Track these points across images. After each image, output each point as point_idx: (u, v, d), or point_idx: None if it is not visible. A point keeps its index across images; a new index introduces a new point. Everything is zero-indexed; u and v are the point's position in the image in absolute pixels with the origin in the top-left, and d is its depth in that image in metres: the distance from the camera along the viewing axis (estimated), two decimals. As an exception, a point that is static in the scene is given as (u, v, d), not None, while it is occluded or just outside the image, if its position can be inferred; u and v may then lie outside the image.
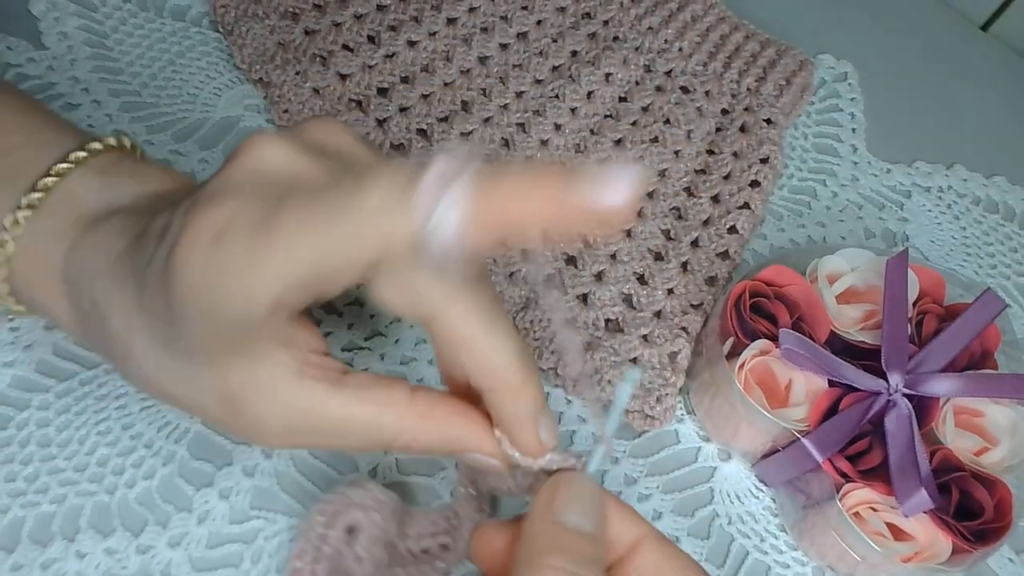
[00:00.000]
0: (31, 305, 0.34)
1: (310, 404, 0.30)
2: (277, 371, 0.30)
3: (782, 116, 0.59)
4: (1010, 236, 0.62)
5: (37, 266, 0.32)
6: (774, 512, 0.45)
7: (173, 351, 0.29)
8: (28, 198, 0.32)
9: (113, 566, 0.36)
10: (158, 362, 0.30)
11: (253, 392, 0.29)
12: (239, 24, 0.52)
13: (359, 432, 0.31)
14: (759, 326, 0.45)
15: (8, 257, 0.32)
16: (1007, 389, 0.44)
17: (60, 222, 0.32)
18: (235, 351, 0.29)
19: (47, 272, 0.32)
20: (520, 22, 0.58)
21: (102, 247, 0.31)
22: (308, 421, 0.30)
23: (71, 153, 0.33)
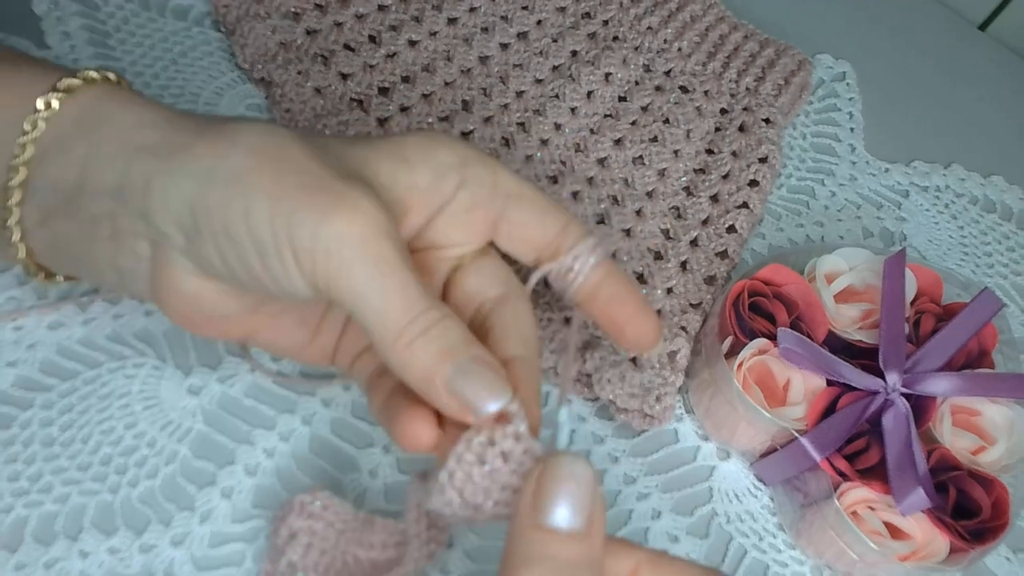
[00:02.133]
0: (43, 187, 0.33)
1: (379, 235, 0.30)
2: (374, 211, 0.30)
3: (781, 116, 0.59)
4: (1007, 235, 0.62)
5: (63, 142, 0.32)
6: (772, 511, 0.45)
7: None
8: (67, 82, 0.33)
9: (116, 565, 0.36)
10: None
11: (359, 184, 0.30)
12: (241, 24, 0.52)
13: (389, 284, 0.30)
14: (758, 325, 0.45)
15: (39, 137, 0.32)
16: (1004, 388, 0.44)
17: (87, 113, 0.33)
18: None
19: (71, 146, 0.32)
20: (520, 22, 0.58)
21: (134, 117, 0.32)
22: (362, 240, 0.29)
23: (79, 73, 0.34)
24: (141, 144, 0.31)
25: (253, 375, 0.42)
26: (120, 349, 0.41)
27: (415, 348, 0.29)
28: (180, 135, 0.31)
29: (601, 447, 0.45)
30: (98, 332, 0.41)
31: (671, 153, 0.55)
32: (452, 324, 0.30)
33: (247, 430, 0.41)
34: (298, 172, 0.30)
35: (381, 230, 0.29)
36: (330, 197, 0.29)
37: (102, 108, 0.32)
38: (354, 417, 0.42)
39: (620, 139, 0.55)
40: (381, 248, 0.29)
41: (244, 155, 0.30)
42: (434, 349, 0.30)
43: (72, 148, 0.32)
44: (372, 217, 0.29)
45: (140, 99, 0.33)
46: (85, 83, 0.33)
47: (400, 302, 0.29)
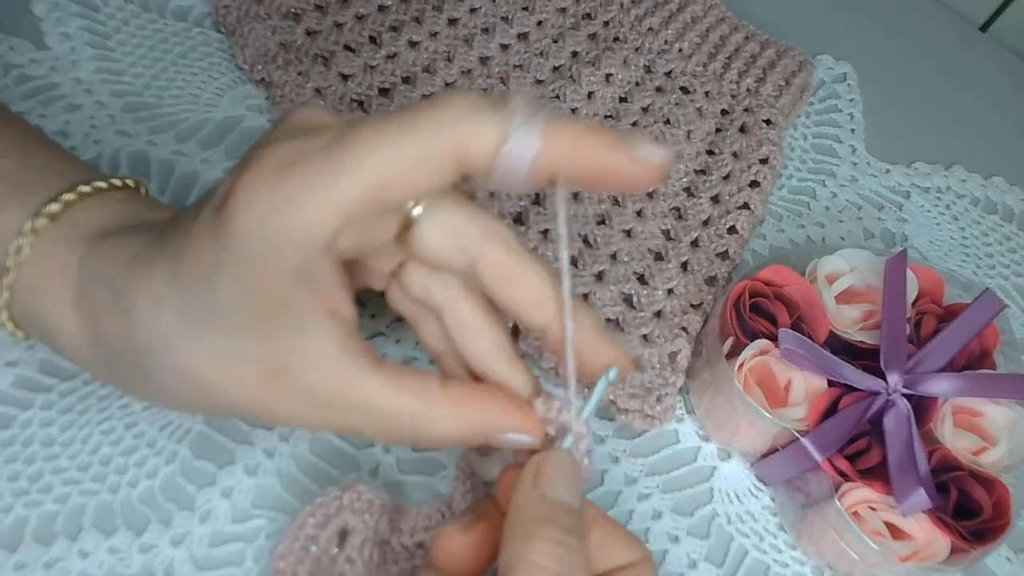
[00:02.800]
0: (31, 323, 0.33)
1: (350, 380, 0.30)
2: (321, 342, 0.29)
3: (781, 117, 0.59)
4: (1009, 236, 0.62)
5: (49, 274, 0.32)
6: (773, 511, 0.45)
7: (210, 325, 0.29)
8: (49, 208, 0.33)
9: (116, 565, 0.36)
10: (192, 340, 0.29)
11: (297, 360, 0.29)
12: (241, 25, 0.52)
13: (393, 417, 0.30)
14: (759, 326, 0.45)
15: (21, 262, 0.32)
16: (1006, 389, 0.44)
17: (77, 232, 0.33)
18: (280, 316, 0.29)
19: (58, 280, 0.32)
20: (521, 23, 0.58)
21: (124, 245, 0.31)
22: (345, 399, 0.30)
23: (91, 181, 0.34)
24: (89, 364, 0.33)
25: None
26: (120, 349, 0.41)
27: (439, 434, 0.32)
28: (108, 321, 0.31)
29: (602, 447, 0.45)
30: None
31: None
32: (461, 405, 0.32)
33: (247, 430, 0.41)
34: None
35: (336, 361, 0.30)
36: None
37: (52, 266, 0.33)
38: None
39: (621, 140, 0.55)
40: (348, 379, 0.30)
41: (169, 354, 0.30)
42: (455, 435, 0.32)
43: (54, 287, 0.32)
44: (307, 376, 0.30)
45: (97, 251, 0.32)
46: (52, 220, 0.33)
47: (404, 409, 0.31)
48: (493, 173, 0.29)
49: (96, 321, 0.31)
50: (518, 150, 0.28)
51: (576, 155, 0.29)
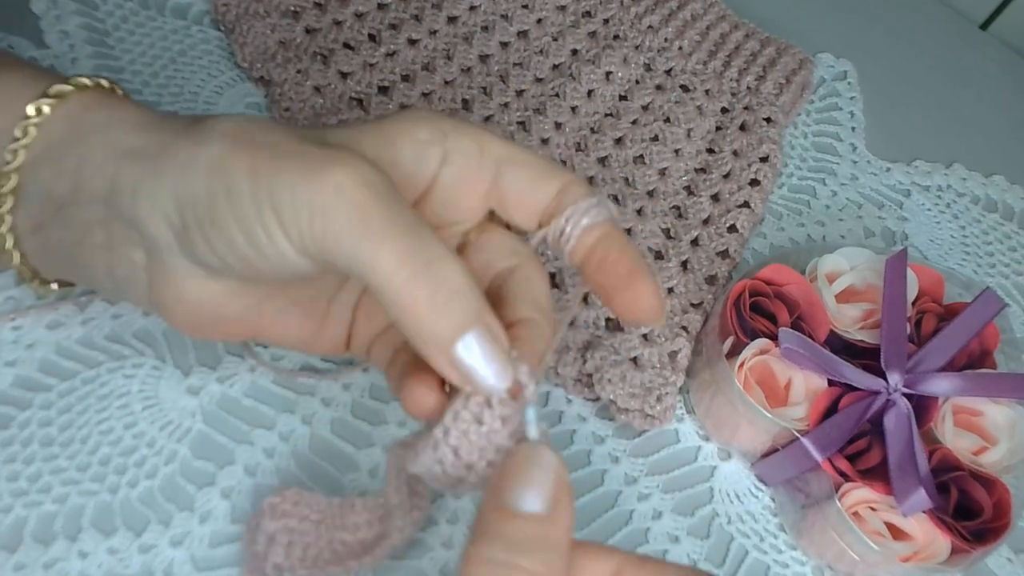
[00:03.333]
0: (33, 195, 0.33)
1: (367, 187, 0.28)
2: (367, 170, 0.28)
3: (782, 115, 0.59)
4: (1009, 235, 0.62)
5: (53, 150, 0.32)
6: (773, 511, 0.45)
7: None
8: (56, 88, 0.33)
9: (115, 565, 0.36)
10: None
11: (338, 149, 0.29)
12: (240, 22, 0.52)
13: (372, 254, 0.28)
14: (759, 325, 0.45)
15: (30, 144, 0.32)
16: (1006, 388, 0.44)
17: (76, 119, 0.33)
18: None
19: (60, 155, 0.32)
20: (520, 20, 0.58)
21: (122, 121, 0.32)
22: (347, 194, 0.28)
23: (71, 80, 0.34)
24: (128, 149, 0.31)
25: (253, 375, 0.42)
26: (119, 349, 0.41)
27: (421, 314, 0.28)
28: (165, 135, 0.31)
29: (601, 447, 0.45)
30: (97, 332, 0.41)
31: (672, 152, 0.55)
32: (460, 284, 0.28)
33: (247, 430, 0.41)
34: (276, 146, 0.29)
35: (365, 179, 0.28)
36: (310, 159, 0.28)
37: (92, 115, 0.32)
38: (354, 417, 0.42)
39: (621, 138, 0.55)
40: (366, 194, 0.27)
41: (220, 140, 0.29)
42: (441, 318, 0.28)
43: (63, 155, 0.32)
44: (354, 167, 0.28)
45: (131, 104, 0.33)
46: (76, 89, 0.33)
47: (394, 253, 0.27)
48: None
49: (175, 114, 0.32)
50: (570, 232, 0.32)
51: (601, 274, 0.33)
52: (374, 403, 0.43)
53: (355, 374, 0.43)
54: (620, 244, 0.33)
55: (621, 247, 0.32)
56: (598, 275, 0.33)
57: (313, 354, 0.43)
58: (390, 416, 0.43)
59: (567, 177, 0.33)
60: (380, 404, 0.43)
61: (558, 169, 0.34)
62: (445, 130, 0.32)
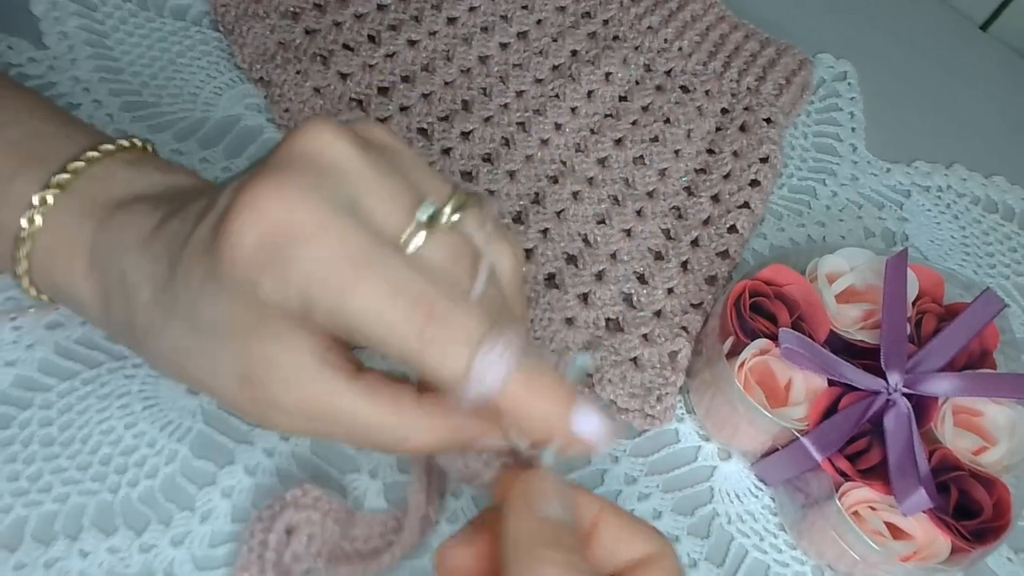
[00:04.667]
0: (51, 289, 0.34)
1: (327, 393, 0.30)
2: (300, 354, 0.29)
3: (782, 115, 0.59)
4: (1009, 236, 0.62)
5: (62, 245, 0.33)
6: (773, 511, 0.45)
7: (198, 327, 0.29)
8: (58, 178, 0.33)
9: (116, 565, 0.36)
10: (181, 337, 0.30)
11: (274, 372, 0.29)
12: (239, 23, 0.52)
13: (368, 430, 0.31)
14: (759, 325, 0.45)
15: (34, 233, 0.33)
16: (1006, 389, 0.44)
17: (87, 203, 0.33)
18: (261, 329, 0.29)
19: (71, 251, 0.33)
20: (520, 21, 0.58)
21: (133, 224, 0.32)
22: (322, 409, 0.30)
23: (100, 145, 0.34)
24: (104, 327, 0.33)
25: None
26: (119, 349, 0.41)
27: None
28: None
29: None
30: (97, 332, 0.41)
31: (672, 153, 0.55)
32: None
33: (247, 430, 0.41)
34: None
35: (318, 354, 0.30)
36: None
37: (83, 225, 0.33)
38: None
39: (621, 139, 0.55)
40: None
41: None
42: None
43: (68, 257, 0.33)
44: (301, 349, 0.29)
45: (108, 226, 0.33)
46: (62, 191, 0.33)
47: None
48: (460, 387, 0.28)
49: (105, 295, 0.32)
50: (480, 384, 0.28)
51: (528, 411, 0.29)
52: (374, 403, 0.43)
53: None
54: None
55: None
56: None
57: None
58: (390, 416, 0.43)
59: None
60: (380, 404, 0.43)
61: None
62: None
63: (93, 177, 0.33)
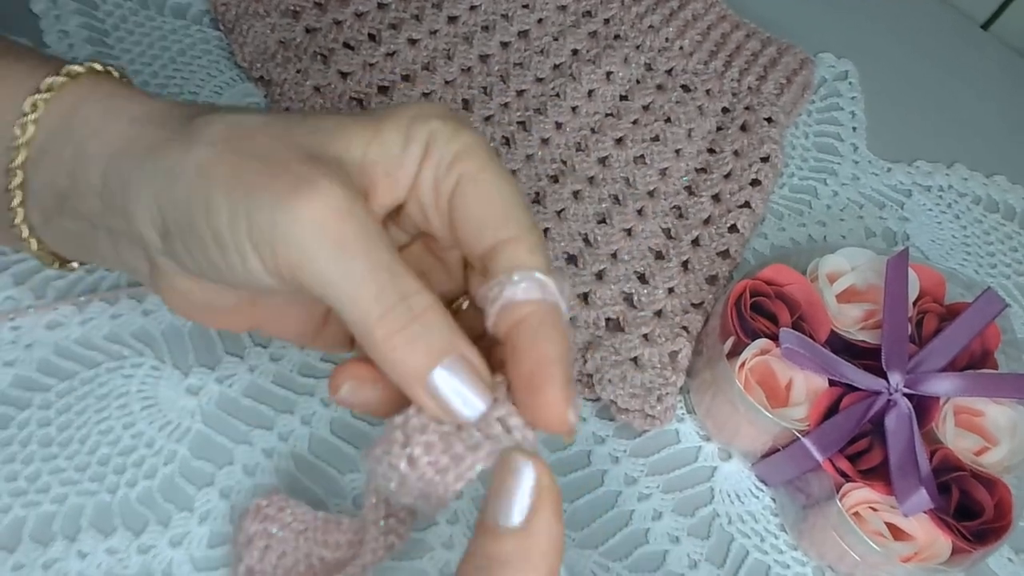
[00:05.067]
0: (51, 185, 0.32)
1: (364, 211, 0.28)
2: (342, 194, 0.28)
3: (783, 115, 0.59)
4: (1010, 235, 0.62)
5: (85, 104, 0.32)
6: (774, 512, 0.45)
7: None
8: (47, 81, 0.32)
9: (114, 566, 0.36)
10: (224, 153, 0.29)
11: (320, 164, 0.28)
12: (240, 22, 0.52)
13: (374, 267, 0.28)
14: (760, 325, 0.45)
15: (28, 140, 0.32)
16: (1007, 389, 0.44)
17: (89, 92, 0.32)
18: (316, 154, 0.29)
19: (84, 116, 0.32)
20: (521, 20, 0.58)
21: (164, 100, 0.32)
22: (353, 214, 0.28)
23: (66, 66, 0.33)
24: (122, 145, 0.31)
25: (252, 375, 0.42)
26: (118, 349, 0.41)
27: (396, 346, 0.27)
28: (159, 132, 0.31)
29: (602, 447, 0.45)
30: (96, 332, 0.41)
31: (673, 152, 0.55)
32: (434, 317, 0.28)
33: (246, 430, 0.41)
34: (259, 158, 0.28)
35: (343, 210, 0.27)
36: (288, 180, 0.27)
37: (87, 107, 0.32)
38: (353, 417, 0.42)
39: (621, 138, 0.55)
40: (344, 229, 0.27)
41: (206, 147, 0.29)
42: (415, 349, 0.28)
43: (60, 150, 0.32)
44: (332, 197, 0.27)
45: (128, 92, 0.33)
46: (70, 79, 0.33)
47: (372, 289, 0.27)
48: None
49: (173, 103, 0.32)
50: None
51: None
52: (374, 403, 0.43)
53: None
54: (533, 336, 0.28)
55: (531, 340, 0.28)
56: (507, 364, 0.29)
57: (315, 349, 0.43)
58: (390, 416, 0.43)
59: (516, 231, 0.30)
60: (380, 404, 0.43)
61: (516, 215, 0.30)
62: (435, 130, 0.31)
63: (77, 89, 0.33)
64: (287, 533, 0.36)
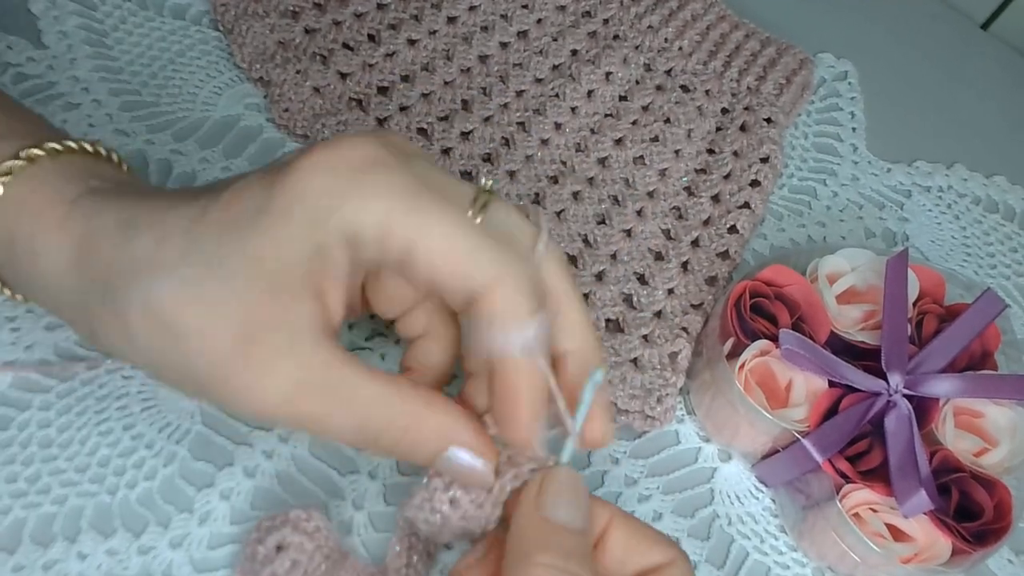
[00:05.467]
0: (6, 248, 0.32)
1: (329, 361, 0.30)
2: (308, 319, 0.29)
3: (782, 115, 0.59)
4: (1010, 236, 0.62)
5: (39, 194, 0.32)
6: (774, 513, 0.45)
7: (209, 270, 0.29)
8: (28, 152, 0.32)
9: (114, 567, 0.36)
10: (183, 280, 0.29)
11: (281, 329, 0.29)
12: (239, 23, 0.52)
13: (367, 410, 0.30)
14: (759, 326, 0.45)
15: (9, 182, 0.32)
16: (1007, 390, 0.44)
17: (70, 169, 0.33)
18: (281, 284, 0.29)
19: (48, 200, 0.32)
20: (520, 21, 0.58)
21: (132, 186, 0.33)
22: (322, 379, 0.29)
23: (63, 140, 0.34)
24: (61, 293, 0.32)
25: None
26: (118, 350, 0.41)
27: (404, 453, 0.32)
28: (80, 299, 0.31)
29: (602, 448, 0.45)
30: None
31: (672, 153, 0.55)
32: (429, 419, 0.31)
33: (246, 431, 0.41)
34: (198, 356, 0.29)
35: (304, 398, 0.30)
36: (232, 384, 0.29)
37: (36, 196, 0.32)
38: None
39: (621, 139, 0.55)
40: (313, 407, 0.30)
41: (147, 355, 0.30)
42: (423, 448, 0.31)
43: (40, 207, 0.32)
44: (289, 404, 0.29)
45: (46, 225, 0.32)
46: (28, 162, 0.32)
47: (361, 430, 0.31)
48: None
49: (85, 239, 0.31)
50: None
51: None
52: (374, 404, 0.43)
53: None
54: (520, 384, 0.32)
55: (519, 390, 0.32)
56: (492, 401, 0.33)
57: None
58: (390, 417, 0.43)
59: (492, 275, 0.30)
60: (380, 405, 0.43)
61: (482, 259, 0.31)
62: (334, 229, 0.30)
63: (65, 160, 0.33)
64: (317, 554, 0.36)
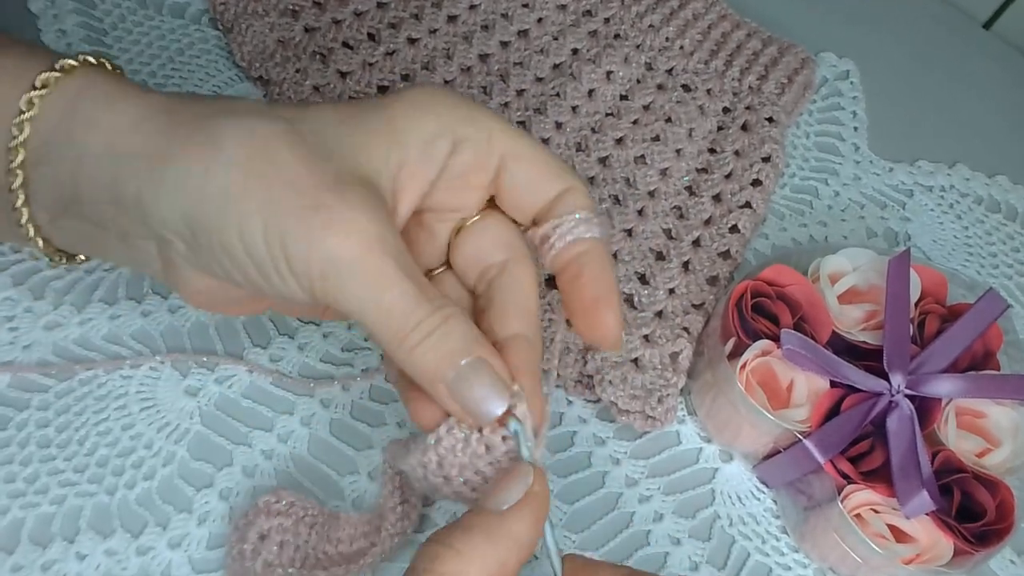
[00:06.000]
0: (52, 146, 0.32)
1: (395, 233, 0.30)
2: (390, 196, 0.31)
3: (784, 114, 0.58)
4: (1012, 236, 0.61)
5: (99, 79, 0.32)
6: (775, 514, 0.45)
7: (320, 132, 0.31)
8: (42, 77, 0.32)
9: (113, 567, 0.36)
10: (293, 123, 0.31)
11: (367, 185, 0.30)
12: (239, 21, 0.52)
13: (384, 301, 0.30)
14: (761, 326, 0.44)
15: (27, 140, 0.32)
16: (1009, 390, 0.44)
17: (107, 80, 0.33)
18: (368, 167, 0.31)
19: (114, 80, 0.32)
20: (521, 20, 0.58)
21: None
22: (391, 241, 0.30)
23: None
24: (126, 151, 0.31)
25: (251, 375, 0.42)
26: (117, 349, 0.41)
27: (419, 352, 0.30)
28: (163, 140, 0.30)
29: (602, 449, 0.45)
30: (95, 332, 0.41)
31: (673, 152, 0.55)
32: (456, 324, 0.30)
33: (245, 431, 0.41)
34: (287, 186, 0.29)
35: (375, 244, 0.29)
36: (322, 215, 0.29)
37: (86, 106, 0.32)
38: (353, 419, 0.42)
39: (622, 138, 0.55)
40: (377, 264, 0.29)
41: (231, 171, 0.29)
42: (438, 353, 0.30)
43: (61, 152, 0.32)
44: (365, 232, 0.29)
45: (124, 90, 0.32)
46: (65, 73, 0.32)
47: (401, 311, 0.29)
48: None
49: (166, 102, 0.32)
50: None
51: None
52: (373, 405, 0.43)
53: (333, 390, 0.43)
54: (597, 267, 0.33)
55: (597, 270, 0.33)
56: (567, 289, 0.34)
57: (326, 319, 0.43)
58: (389, 418, 0.43)
59: (569, 182, 0.34)
60: (379, 406, 0.43)
61: (563, 171, 0.34)
62: (455, 120, 0.33)
63: (72, 85, 0.32)
64: (300, 527, 0.37)
